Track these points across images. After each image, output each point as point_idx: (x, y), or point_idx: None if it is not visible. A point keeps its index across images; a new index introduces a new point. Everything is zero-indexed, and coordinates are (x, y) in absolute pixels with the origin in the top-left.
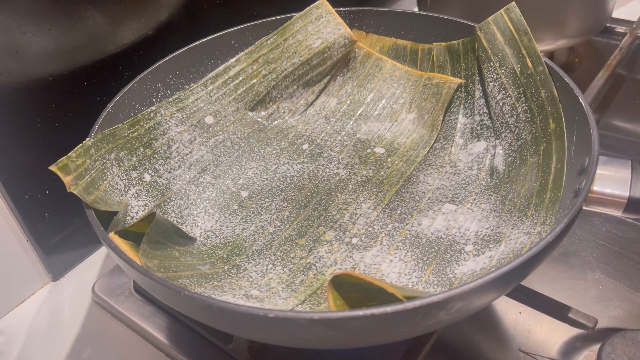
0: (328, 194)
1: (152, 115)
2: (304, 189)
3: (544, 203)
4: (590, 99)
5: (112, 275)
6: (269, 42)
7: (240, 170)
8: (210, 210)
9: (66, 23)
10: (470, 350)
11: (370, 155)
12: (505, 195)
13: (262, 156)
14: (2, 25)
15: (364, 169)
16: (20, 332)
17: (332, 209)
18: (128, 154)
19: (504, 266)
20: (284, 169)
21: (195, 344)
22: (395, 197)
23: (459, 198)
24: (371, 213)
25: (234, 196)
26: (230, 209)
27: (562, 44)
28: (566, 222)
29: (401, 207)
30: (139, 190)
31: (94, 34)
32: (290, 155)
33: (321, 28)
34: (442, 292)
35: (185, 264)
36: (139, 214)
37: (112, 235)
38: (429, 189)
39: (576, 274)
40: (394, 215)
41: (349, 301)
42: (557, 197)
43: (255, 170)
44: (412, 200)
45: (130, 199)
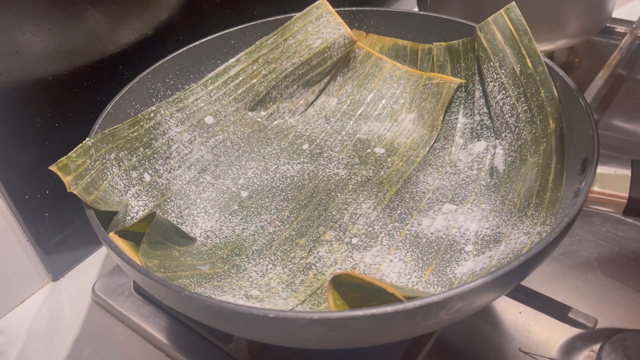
0: (328, 194)
1: (152, 115)
2: (304, 189)
3: (544, 203)
4: (590, 99)
5: (112, 275)
6: (269, 42)
7: (240, 170)
8: (210, 210)
9: (66, 23)
10: (470, 350)
11: (370, 155)
12: (505, 195)
13: (262, 156)
14: (2, 25)
15: (364, 169)
16: (20, 332)
17: (332, 209)
18: (128, 154)
19: (504, 266)
20: (284, 169)
21: (195, 344)
22: (395, 197)
23: (459, 198)
24: (371, 213)
25: (234, 196)
26: (230, 209)
27: (562, 44)
28: (566, 222)
29: (401, 207)
30: (139, 190)
31: (94, 34)
32: (290, 155)
33: (321, 28)
34: (442, 292)
35: (185, 264)
36: (139, 214)
37: (112, 235)
38: (429, 189)
39: (576, 274)
40: (394, 215)
41: (349, 301)
42: (557, 197)
43: (255, 170)
44: (412, 200)
45: (130, 199)
